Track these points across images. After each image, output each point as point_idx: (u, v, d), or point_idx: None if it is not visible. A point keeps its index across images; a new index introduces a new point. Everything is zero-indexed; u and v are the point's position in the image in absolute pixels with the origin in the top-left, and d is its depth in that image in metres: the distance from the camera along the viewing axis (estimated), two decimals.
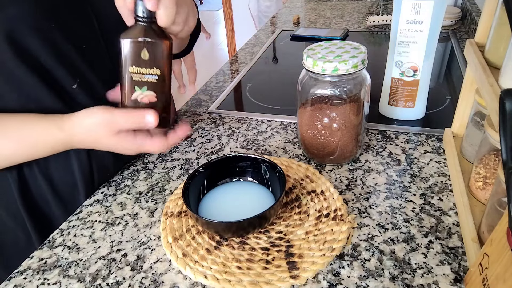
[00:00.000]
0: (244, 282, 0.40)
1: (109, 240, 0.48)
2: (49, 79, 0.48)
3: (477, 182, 0.46)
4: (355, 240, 0.45)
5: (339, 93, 0.53)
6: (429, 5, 0.58)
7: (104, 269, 0.44)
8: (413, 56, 0.62)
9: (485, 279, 0.33)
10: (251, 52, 1.11)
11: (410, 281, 0.40)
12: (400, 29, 0.61)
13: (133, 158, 0.64)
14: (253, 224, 0.43)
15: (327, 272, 0.42)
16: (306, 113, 0.56)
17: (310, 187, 0.53)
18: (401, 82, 0.65)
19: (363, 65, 0.51)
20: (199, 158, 0.63)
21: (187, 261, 0.43)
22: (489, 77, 0.40)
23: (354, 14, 1.41)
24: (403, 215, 0.48)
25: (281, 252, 0.43)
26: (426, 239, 0.44)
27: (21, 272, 0.45)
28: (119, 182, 0.59)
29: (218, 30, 4.76)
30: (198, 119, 0.75)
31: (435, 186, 0.52)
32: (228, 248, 0.45)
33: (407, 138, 0.63)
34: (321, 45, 0.55)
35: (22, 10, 0.43)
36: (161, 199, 0.55)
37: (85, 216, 0.53)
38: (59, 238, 0.49)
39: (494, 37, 0.44)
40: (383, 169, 0.57)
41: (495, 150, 0.43)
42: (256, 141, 0.66)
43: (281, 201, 0.45)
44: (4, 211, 0.55)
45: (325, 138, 0.55)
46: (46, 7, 0.46)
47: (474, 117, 0.51)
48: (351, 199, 0.51)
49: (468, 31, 1.12)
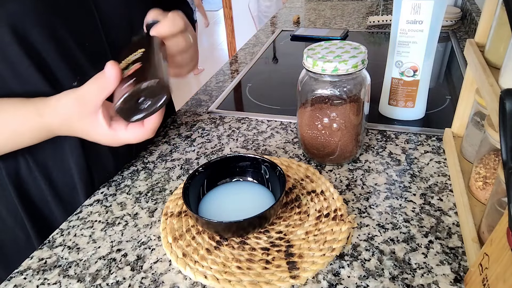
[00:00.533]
0: (244, 282, 0.40)
1: (109, 240, 0.48)
2: (51, 75, 0.48)
3: (477, 182, 0.46)
4: (355, 240, 0.45)
5: (339, 93, 0.53)
6: (429, 5, 0.58)
7: (104, 269, 0.44)
8: (413, 56, 0.62)
9: (485, 279, 0.33)
10: (251, 52, 1.11)
11: (410, 281, 0.40)
12: (400, 29, 0.61)
13: (133, 158, 0.64)
14: (253, 224, 0.43)
15: (327, 272, 0.42)
16: (306, 113, 0.56)
17: (310, 187, 0.53)
18: (401, 82, 0.65)
19: (363, 65, 0.51)
20: (199, 158, 0.63)
21: (187, 261, 0.43)
22: (489, 77, 0.40)
23: (354, 14, 1.41)
24: (403, 215, 0.48)
25: (281, 252, 0.43)
26: (426, 239, 0.44)
27: (21, 272, 0.45)
28: (119, 182, 0.59)
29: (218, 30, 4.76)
30: (198, 119, 0.75)
31: (435, 186, 0.52)
32: (228, 248, 0.45)
33: (407, 138, 0.63)
34: (321, 45, 0.55)
35: (23, 5, 0.43)
36: (161, 199, 0.55)
37: (85, 216, 0.53)
38: (59, 238, 0.49)
39: (494, 37, 0.44)
40: (383, 169, 0.57)
41: (495, 150, 0.43)
42: (256, 141, 0.66)
43: (281, 201, 0.45)
44: (4, 209, 0.55)
45: (325, 138, 0.55)
46: (48, 3, 0.45)
47: (474, 117, 0.51)
48: (351, 199, 0.51)
49: (468, 31, 1.11)
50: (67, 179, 0.55)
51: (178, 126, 0.74)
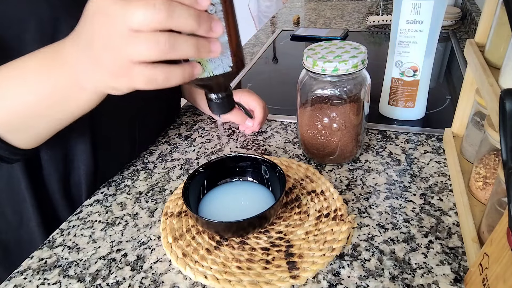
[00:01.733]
0: (244, 282, 0.40)
1: (109, 240, 0.48)
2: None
3: (477, 182, 0.46)
4: (355, 240, 0.45)
5: (339, 93, 0.53)
6: (429, 5, 0.58)
7: (104, 269, 0.44)
8: (413, 56, 0.62)
9: (485, 279, 0.33)
10: (251, 52, 1.11)
11: (410, 281, 0.40)
12: (400, 29, 0.61)
13: (133, 159, 0.64)
14: (253, 224, 0.43)
15: (327, 272, 0.42)
16: (306, 113, 0.56)
17: (310, 187, 0.53)
18: (401, 82, 0.65)
19: (363, 65, 0.51)
20: (199, 158, 0.63)
21: (187, 261, 0.43)
22: (489, 77, 0.40)
23: (354, 14, 1.41)
24: (403, 215, 0.48)
25: (281, 252, 0.43)
26: (426, 239, 0.44)
27: (21, 272, 0.45)
28: (119, 182, 0.59)
29: None
30: (198, 119, 0.75)
31: (435, 186, 0.52)
32: (228, 248, 0.45)
33: (407, 138, 0.63)
34: (321, 45, 0.55)
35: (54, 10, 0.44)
36: (161, 199, 0.55)
37: (85, 216, 0.53)
38: (59, 238, 0.49)
39: (494, 37, 0.44)
40: (383, 169, 0.57)
41: (495, 150, 0.43)
42: (256, 141, 0.66)
43: (281, 201, 0.45)
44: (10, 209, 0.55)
45: (325, 138, 0.55)
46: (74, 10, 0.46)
47: (474, 117, 0.51)
48: (351, 199, 0.51)
49: (468, 31, 1.12)
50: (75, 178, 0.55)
51: (178, 126, 0.74)
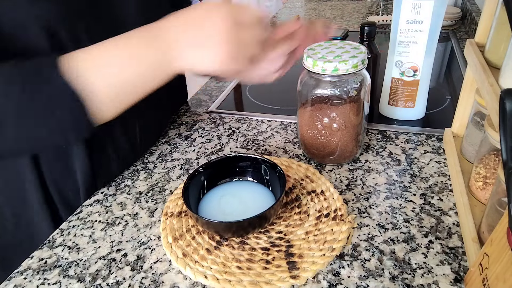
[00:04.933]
0: (244, 282, 0.40)
1: (109, 240, 0.48)
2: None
3: (477, 182, 0.46)
4: (355, 240, 0.45)
5: (339, 93, 0.53)
6: (429, 5, 0.58)
7: (104, 269, 0.44)
8: (413, 56, 0.62)
9: (485, 279, 0.33)
10: None
11: (410, 281, 0.40)
12: (400, 29, 0.61)
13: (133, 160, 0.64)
14: (253, 224, 0.43)
15: (327, 272, 0.42)
16: (306, 113, 0.56)
17: (310, 187, 0.53)
18: (401, 82, 0.65)
19: (363, 65, 0.51)
20: (199, 158, 0.63)
21: (187, 261, 0.43)
22: (489, 77, 0.40)
23: (354, 14, 1.41)
24: (403, 215, 0.48)
25: (281, 252, 0.43)
26: (426, 239, 0.44)
27: (21, 272, 0.45)
28: (119, 182, 0.59)
29: None
30: (198, 119, 0.75)
31: (435, 186, 0.52)
32: (228, 248, 0.45)
33: (407, 138, 0.63)
34: (321, 45, 0.55)
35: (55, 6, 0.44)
36: (161, 199, 0.55)
37: (85, 216, 0.53)
38: (59, 238, 0.49)
39: (494, 37, 0.44)
40: (383, 169, 0.57)
41: (495, 150, 0.43)
42: (256, 141, 0.66)
43: (281, 201, 0.45)
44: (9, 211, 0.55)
45: (325, 138, 0.55)
46: (74, 8, 0.46)
47: (474, 117, 0.51)
48: (351, 199, 0.51)
49: (468, 31, 1.12)
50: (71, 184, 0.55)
51: (178, 126, 0.74)
